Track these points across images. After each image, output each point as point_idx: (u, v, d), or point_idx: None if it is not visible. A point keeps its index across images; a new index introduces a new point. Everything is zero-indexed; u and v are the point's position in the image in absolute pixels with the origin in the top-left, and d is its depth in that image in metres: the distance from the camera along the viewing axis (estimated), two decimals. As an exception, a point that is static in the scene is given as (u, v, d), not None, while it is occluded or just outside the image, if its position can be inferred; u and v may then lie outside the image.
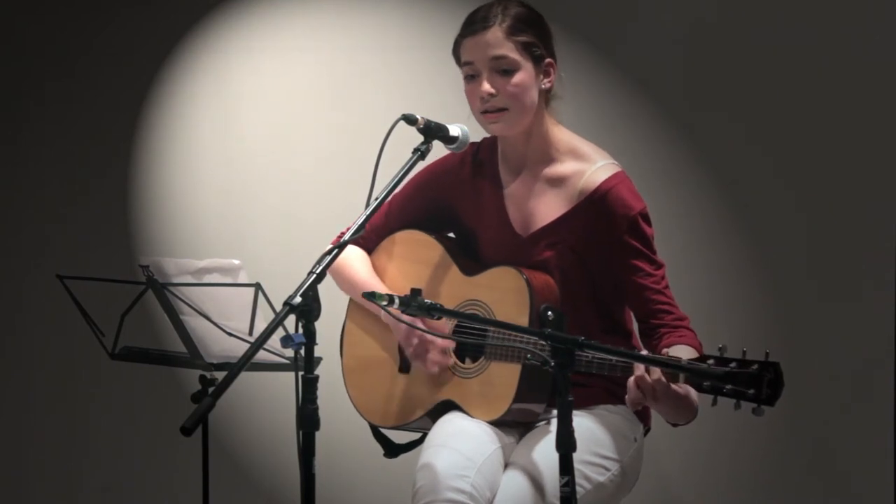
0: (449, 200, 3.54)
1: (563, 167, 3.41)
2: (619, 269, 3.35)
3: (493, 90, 3.34)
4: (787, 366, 2.86)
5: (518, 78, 3.35)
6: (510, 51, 3.35)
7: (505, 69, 3.35)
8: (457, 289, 3.45)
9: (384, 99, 4.97)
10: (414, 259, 3.53)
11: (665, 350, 3.22)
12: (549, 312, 2.96)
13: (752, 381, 2.83)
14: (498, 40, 3.35)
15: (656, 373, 2.97)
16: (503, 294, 3.35)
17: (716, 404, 2.89)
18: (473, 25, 3.38)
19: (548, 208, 3.41)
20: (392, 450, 3.61)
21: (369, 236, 3.59)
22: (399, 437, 3.60)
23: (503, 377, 3.32)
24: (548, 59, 3.40)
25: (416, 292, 3.47)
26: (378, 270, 3.58)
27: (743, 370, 2.85)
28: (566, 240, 3.37)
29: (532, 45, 3.36)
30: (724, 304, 4.52)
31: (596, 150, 3.43)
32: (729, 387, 2.86)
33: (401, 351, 3.50)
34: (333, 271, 3.55)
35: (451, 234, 3.57)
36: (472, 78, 3.38)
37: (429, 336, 3.39)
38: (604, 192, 3.34)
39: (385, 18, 5.05)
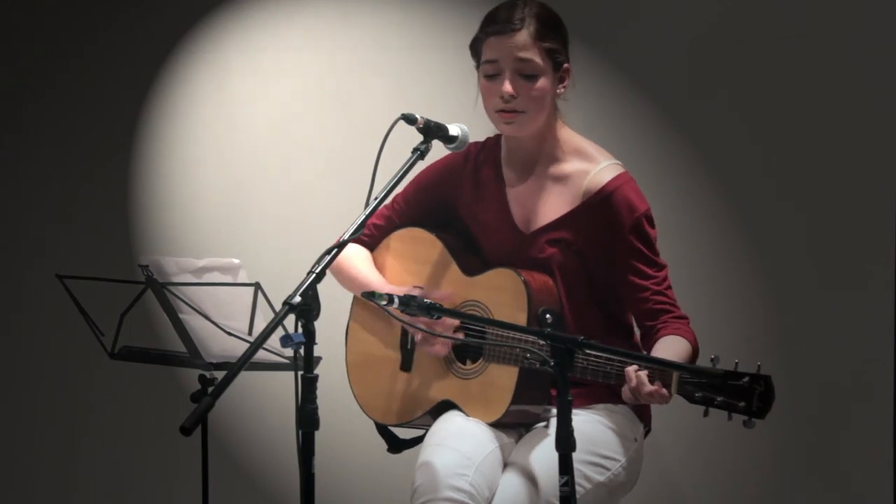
0: (453, 198, 3.54)
1: (567, 166, 3.42)
2: (621, 269, 3.35)
3: (514, 92, 3.34)
4: (786, 366, 2.87)
5: (541, 83, 3.35)
6: (536, 56, 3.34)
7: (529, 74, 3.35)
8: (456, 288, 3.45)
9: (384, 99, 4.96)
10: (413, 257, 3.53)
11: (656, 343, 3.23)
12: (548, 315, 2.96)
13: (743, 394, 2.84)
14: (526, 44, 3.34)
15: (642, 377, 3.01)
16: (501, 295, 3.35)
17: (707, 415, 2.90)
18: (499, 25, 3.36)
19: (551, 206, 3.41)
20: (396, 445, 3.60)
21: (375, 234, 3.59)
22: (403, 432, 3.59)
23: (502, 379, 3.31)
24: (565, 66, 3.40)
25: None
26: (378, 268, 3.58)
27: (734, 382, 2.85)
28: (568, 238, 3.37)
29: (556, 51, 3.37)
30: (724, 305, 4.51)
31: (600, 151, 3.44)
32: (720, 398, 2.86)
33: (402, 349, 3.51)
34: (335, 270, 3.54)
35: (454, 232, 3.56)
36: (492, 77, 3.37)
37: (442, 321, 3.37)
38: (608, 193, 3.35)
39: (385, 18, 5.04)
